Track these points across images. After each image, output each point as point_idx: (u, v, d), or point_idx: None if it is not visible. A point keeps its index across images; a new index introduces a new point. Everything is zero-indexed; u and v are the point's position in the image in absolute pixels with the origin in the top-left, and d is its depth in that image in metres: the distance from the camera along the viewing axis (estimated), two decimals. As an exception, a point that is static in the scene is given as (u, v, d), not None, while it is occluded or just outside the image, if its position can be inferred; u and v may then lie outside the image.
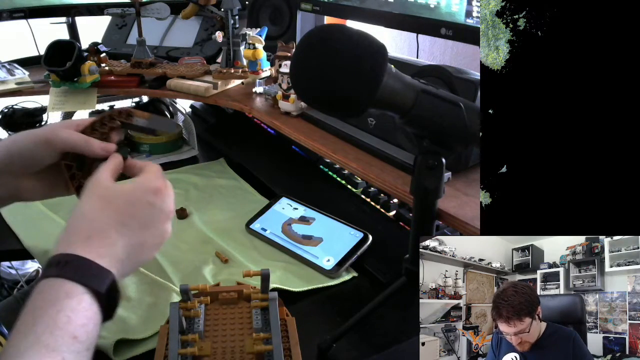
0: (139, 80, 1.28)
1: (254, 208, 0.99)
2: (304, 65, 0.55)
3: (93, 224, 0.50)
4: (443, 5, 0.90)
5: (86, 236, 0.49)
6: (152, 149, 1.25)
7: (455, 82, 0.75)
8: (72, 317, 0.44)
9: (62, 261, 0.47)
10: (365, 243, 0.86)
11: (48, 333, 0.42)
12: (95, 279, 0.47)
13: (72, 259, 0.47)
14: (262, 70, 1.18)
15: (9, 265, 1.72)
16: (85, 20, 1.48)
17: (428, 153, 0.60)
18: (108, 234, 0.50)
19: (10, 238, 0.92)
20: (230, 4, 1.16)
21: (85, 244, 0.49)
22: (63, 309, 0.44)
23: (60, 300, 0.44)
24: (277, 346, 0.61)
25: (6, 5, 1.32)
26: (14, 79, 1.27)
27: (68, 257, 0.47)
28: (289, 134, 1.04)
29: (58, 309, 0.44)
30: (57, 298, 0.45)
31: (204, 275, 0.82)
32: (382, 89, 0.54)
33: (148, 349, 0.69)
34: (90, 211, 0.51)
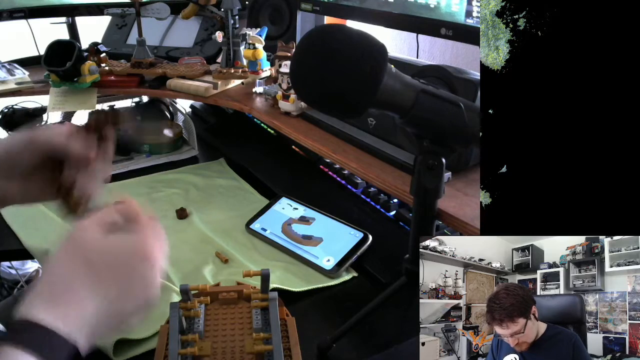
0: (139, 80, 1.28)
1: (254, 208, 0.99)
2: (304, 65, 0.55)
3: (64, 281, 0.45)
4: (443, 5, 0.90)
5: (53, 296, 0.44)
6: (152, 149, 1.25)
7: (455, 82, 0.75)
8: None
9: (21, 329, 0.42)
10: (365, 243, 0.86)
11: None
12: (51, 349, 0.41)
13: (31, 327, 0.42)
14: (262, 70, 1.18)
15: (9, 265, 1.72)
16: (85, 20, 1.48)
17: (428, 153, 0.60)
18: (79, 295, 0.44)
19: (10, 238, 0.92)
20: (230, 4, 1.16)
21: (49, 305, 0.43)
22: None
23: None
24: (277, 346, 0.61)
25: (6, 5, 1.32)
26: (14, 79, 1.27)
27: (27, 325, 0.42)
28: (289, 134, 1.04)
29: None
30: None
31: (204, 275, 0.82)
32: (382, 89, 0.54)
33: (148, 349, 0.69)
34: (64, 267, 0.46)
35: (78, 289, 0.45)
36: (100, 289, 0.45)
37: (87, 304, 0.45)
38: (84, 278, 0.45)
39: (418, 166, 0.61)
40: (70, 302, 0.44)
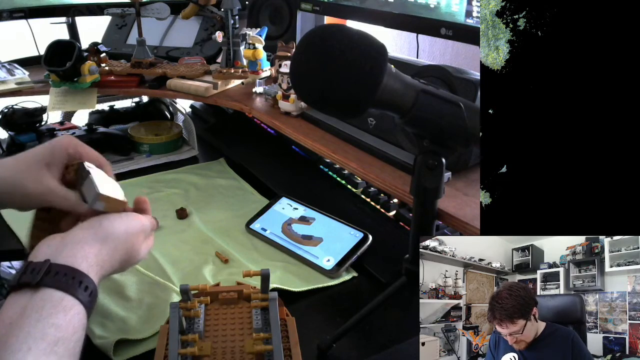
0: (139, 80, 1.28)
1: (254, 208, 0.99)
2: (304, 65, 0.55)
3: (80, 242, 0.56)
4: (443, 5, 0.90)
5: (74, 249, 0.54)
6: (152, 149, 1.25)
7: (455, 82, 0.75)
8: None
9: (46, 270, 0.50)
10: (365, 243, 0.86)
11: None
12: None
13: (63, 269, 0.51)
14: (262, 70, 1.18)
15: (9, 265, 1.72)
16: (85, 20, 1.48)
17: (428, 153, 0.60)
18: (92, 250, 0.55)
19: (10, 238, 0.92)
20: (230, 4, 1.16)
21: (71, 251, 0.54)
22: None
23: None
24: (277, 346, 0.61)
25: (6, 5, 1.32)
26: (14, 79, 1.27)
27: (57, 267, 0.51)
28: (289, 134, 1.04)
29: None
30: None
31: (204, 275, 0.82)
32: (382, 89, 0.54)
33: (148, 349, 0.69)
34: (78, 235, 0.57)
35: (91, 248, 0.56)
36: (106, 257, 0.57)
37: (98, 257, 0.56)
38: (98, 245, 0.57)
39: (418, 166, 0.61)
40: (87, 253, 0.55)
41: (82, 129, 1.25)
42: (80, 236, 0.55)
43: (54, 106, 1.20)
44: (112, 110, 1.43)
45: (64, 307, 0.48)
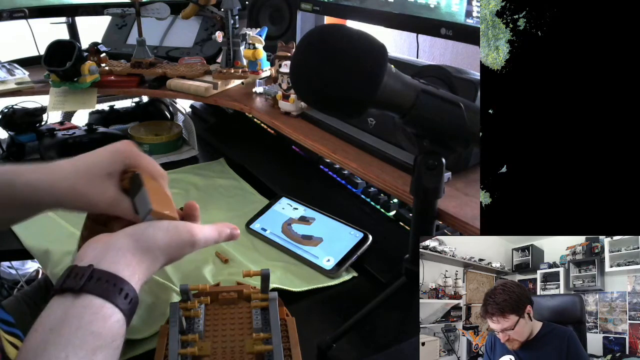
0: (139, 80, 1.28)
1: (254, 208, 0.99)
2: (304, 65, 0.55)
3: (124, 252, 0.54)
4: (443, 5, 0.90)
5: (118, 257, 0.53)
6: (152, 149, 1.25)
7: (455, 82, 0.75)
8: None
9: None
10: (365, 243, 0.86)
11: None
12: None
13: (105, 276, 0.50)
14: (262, 70, 1.18)
15: (9, 265, 1.73)
16: (85, 20, 1.48)
17: (428, 153, 0.60)
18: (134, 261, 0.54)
19: (10, 238, 0.92)
20: (230, 4, 1.16)
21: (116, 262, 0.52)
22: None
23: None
24: (277, 346, 0.61)
25: (6, 5, 1.32)
26: (14, 79, 1.27)
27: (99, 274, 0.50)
28: (289, 134, 1.04)
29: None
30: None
31: (204, 275, 0.82)
32: (382, 89, 0.54)
33: (148, 349, 0.69)
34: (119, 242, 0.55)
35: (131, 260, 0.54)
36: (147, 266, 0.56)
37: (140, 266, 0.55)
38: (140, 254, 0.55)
39: (418, 166, 0.61)
40: (130, 261, 0.54)
41: (82, 129, 1.25)
42: (124, 243, 0.54)
43: (54, 106, 1.20)
44: (112, 110, 1.43)
45: (103, 314, 0.47)
